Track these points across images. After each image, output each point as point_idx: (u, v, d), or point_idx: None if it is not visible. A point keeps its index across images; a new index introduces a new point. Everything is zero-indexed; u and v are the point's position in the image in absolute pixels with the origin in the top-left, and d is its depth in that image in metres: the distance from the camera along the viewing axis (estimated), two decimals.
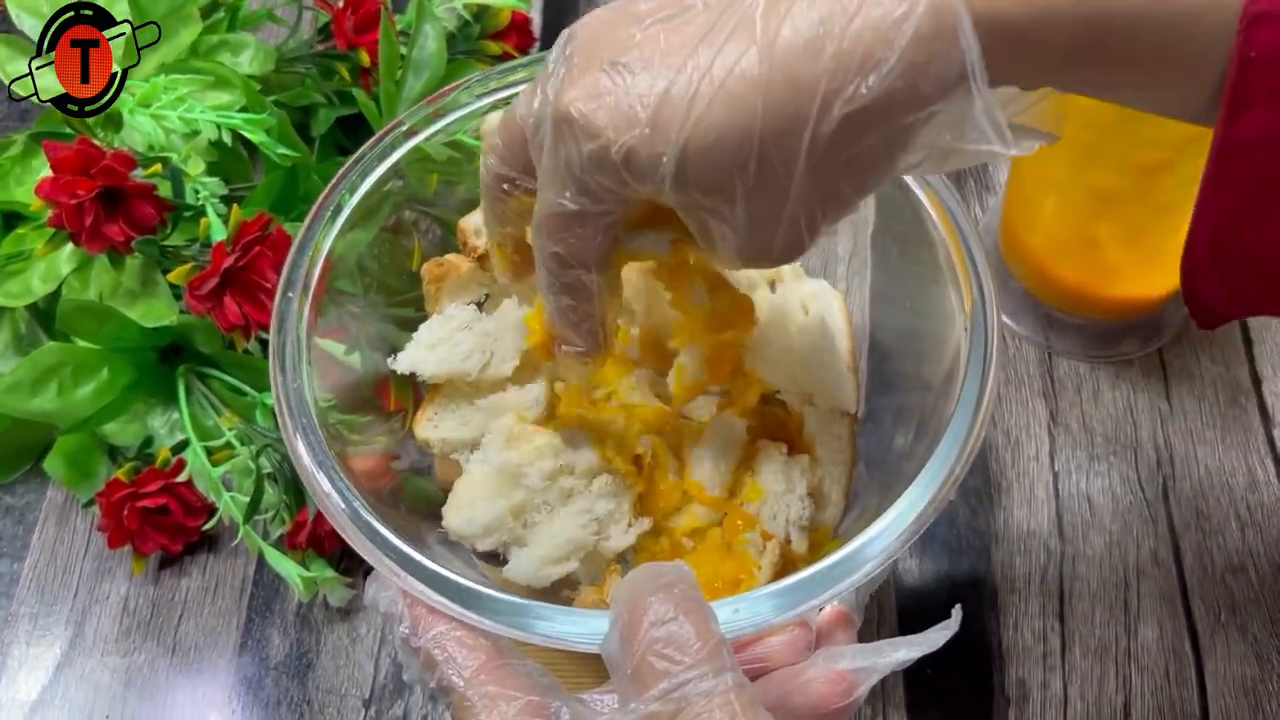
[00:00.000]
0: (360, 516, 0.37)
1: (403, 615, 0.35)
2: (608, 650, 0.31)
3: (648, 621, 0.30)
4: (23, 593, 0.56)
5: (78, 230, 0.51)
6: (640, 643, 0.30)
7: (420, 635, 0.34)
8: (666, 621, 0.30)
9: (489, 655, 0.34)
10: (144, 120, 0.55)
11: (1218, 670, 0.52)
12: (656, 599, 0.30)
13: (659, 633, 0.29)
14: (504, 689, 0.33)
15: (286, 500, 0.53)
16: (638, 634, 0.30)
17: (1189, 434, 0.59)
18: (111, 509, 0.53)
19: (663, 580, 0.31)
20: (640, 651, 0.29)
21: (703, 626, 0.30)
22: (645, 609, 0.30)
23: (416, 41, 0.61)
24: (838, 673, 0.33)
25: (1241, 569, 0.55)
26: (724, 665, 0.29)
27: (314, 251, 0.42)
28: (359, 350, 0.45)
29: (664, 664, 0.29)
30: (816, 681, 0.33)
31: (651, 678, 0.29)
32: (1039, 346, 0.62)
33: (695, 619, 0.30)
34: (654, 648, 0.29)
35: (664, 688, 0.29)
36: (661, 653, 0.29)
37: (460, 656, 0.34)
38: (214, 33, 0.62)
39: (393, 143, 0.45)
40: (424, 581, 0.35)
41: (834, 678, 0.33)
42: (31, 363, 0.54)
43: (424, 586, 0.35)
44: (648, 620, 0.30)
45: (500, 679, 0.33)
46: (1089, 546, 0.56)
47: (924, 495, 0.35)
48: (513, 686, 0.33)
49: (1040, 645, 0.53)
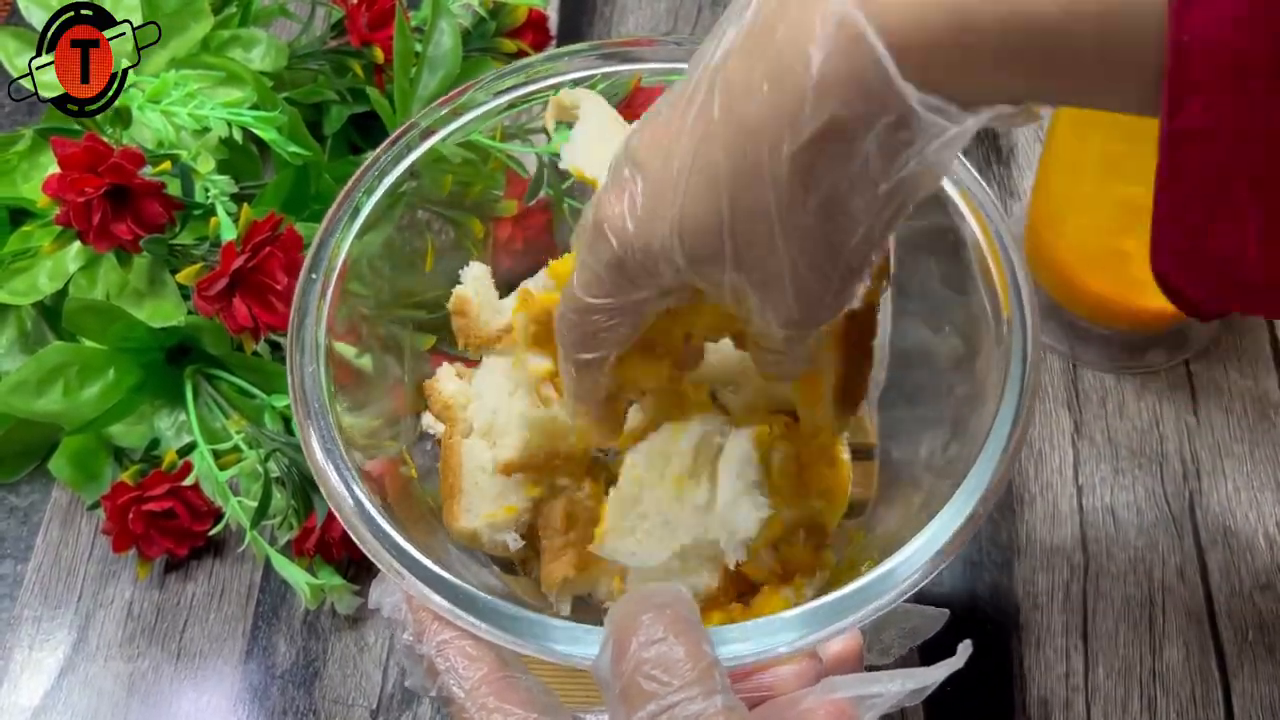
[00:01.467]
0: (375, 521, 0.36)
1: (406, 621, 0.35)
2: (598, 670, 0.30)
3: (637, 642, 0.29)
4: (26, 595, 0.55)
5: (85, 228, 0.51)
6: (629, 663, 0.29)
7: (425, 643, 0.34)
8: (656, 642, 0.29)
9: (491, 667, 0.33)
10: (154, 116, 0.55)
11: (1245, 691, 0.51)
12: (648, 619, 0.30)
13: (648, 653, 0.29)
14: (502, 703, 0.32)
15: (295, 505, 0.52)
16: (627, 654, 0.29)
17: (1216, 448, 0.57)
18: (117, 512, 0.52)
19: (655, 601, 0.30)
20: (629, 672, 0.29)
21: (694, 648, 0.29)
22: (636, 629, 0.30)
23: (431, 38, 0.60)
24: (836, 703, 0.32)
25: (1270, 587, 0.53)
26: (714, 688, 0.29)
27: (332, 253, 0.41)
28: (370, 353, 0.45)
29: (652, 685, 0.29)
30: (815, 711, 0.32)
31: (640, 699, 0.29)
32: (1064, 357, 0.60)
33: (686, 640, 0.29)
34: (643, 668, 0.29)
35: (652, 709, 0.28)
36: (650, 674, 0.29)
37: (462, 667, 0.33)
38: (226, 28, 0.62)
39: (409, 143, 0.44)
40: (445, 595, 0.34)
41: (833, 709, 0.32)
42: (37, 362, 0.53)
43: (441, 599, 0.34)
44: (637, 641, 0.29)
45: (500, 692, 0.33)
46: (1113, 562, 0.54)
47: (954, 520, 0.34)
48: (512, 701, 0.32)
49: (1063, 664, 0.52)
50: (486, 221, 0.50)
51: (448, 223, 0.49)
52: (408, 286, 0.48)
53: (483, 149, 0.47)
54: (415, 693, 0.41)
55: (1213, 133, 0.24)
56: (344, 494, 0.37)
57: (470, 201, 0.49)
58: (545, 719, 0.32)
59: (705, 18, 0.75)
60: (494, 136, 0.47)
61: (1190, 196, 0.26)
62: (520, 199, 0.50)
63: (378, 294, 0.46)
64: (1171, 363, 0.60)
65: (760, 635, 0.33)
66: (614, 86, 0.48)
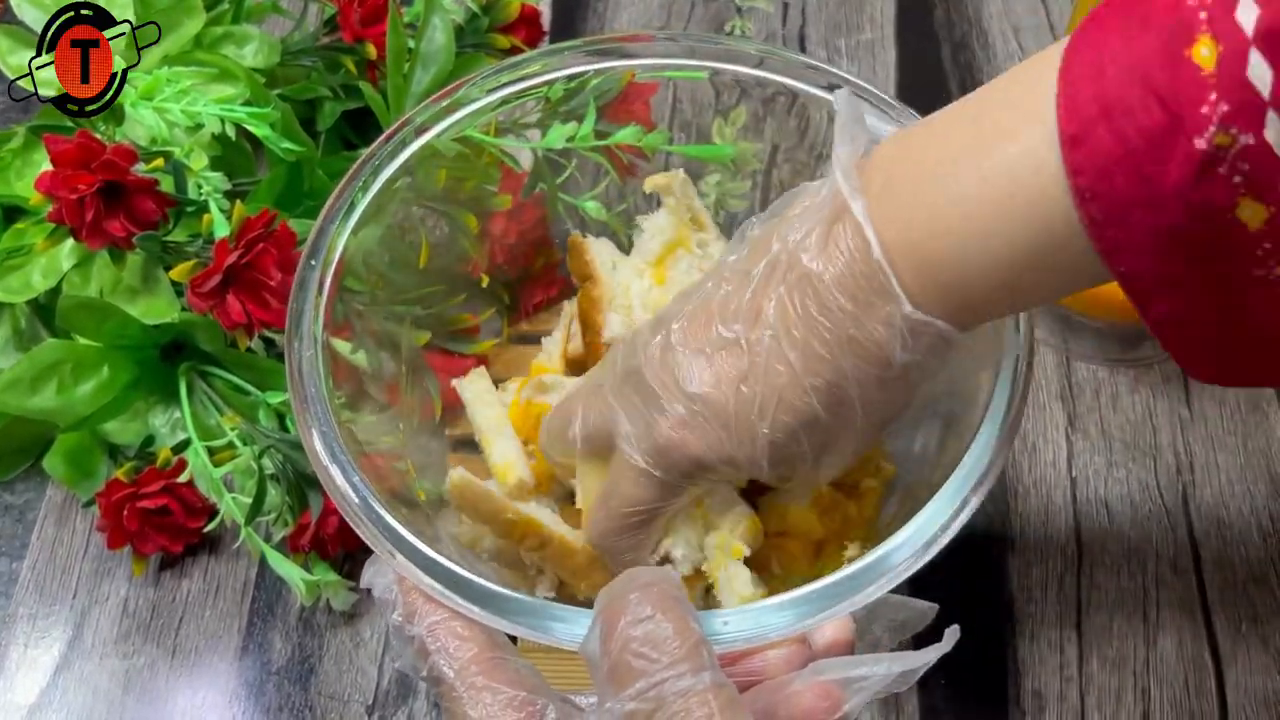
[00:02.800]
0: (366, 501, 0.37)
1: (397, 601, 0.35)
2: (586, 650, 0.31)
3: (625, 621, 0.29)
4: (21, 593, 0.55)
5: (78, 225, 0.50)
6: (617, 641, 0.29)
7: (416, 624, 0.34)
8: (643, 620, 0.29)
9: (481, 648, 0.34)
10: (146, 113, 0.54)
11: (1239, 683, 0.51)
12: (634, 597, 0.30)
13: (636, 631, 0.29)
14: (491, 681, 0.33)
15: (289, 502, 0.52)
16: (615, 632, 0.29)
17: (1209, 440, 0.58)
18: (111, 509, 0.52)
19: (641, 581, 0.30)
20: (617, 650, 0.29)
21: (681, 625, 0.29)
22: (623, 608, 0.30)
23: (424, 34, 0.60)
24: (823, 685, 0.32)
25: (1263, 579, 0.54)
26: (702, 664, 0.29)
27: (329, 250, 0.41)
28: (364, 348, 0.45)
29: (641, 663, 0.29)
30: (802, 693, 0.32)
31: (628, 676, 0.29)
32: (1057, 350, 0.60)
33: (673, 617, 0.29)
34: (630, 646, 0.29)
35: (640, 687, 0.29)
36: (638, 651, 0.29)
37: (453, 647, 0.34)
38: (218, 24, 0.61)
39: (404, 139, 0.44)
40: (436, 577, 0.35)
41: (820, 690, 0.32)
42: (31, 360, 0.53)
43: (432, 580, 0.35)
44: (625, 619, 0.29)
45: (488, 671, 0.33)
46: (1107, 555, 0.55)
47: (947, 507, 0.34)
48: (500, 680, 0.33)
49: (1057, 656, 0.52)
50: (481, 216, 0.50)
51: (442, 218, 0.49)
52: (402, 282, 0.48)
53: (477, 144, 0.47)
54: (405, 673, 0.41)
55: (1181, 320, 0.31)
56: (331, 466, 0.37)
57: (464, 196, 0.49)
58: (533, 697, 0.32)
59: (698, 13, 0.75)
60: (488, 132, 0.47)
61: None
62: (514, 193, 0.50)
63: (372, 289, 0.46)
64: (1165, 355, 0.60)
65: (753, 619, 0.33)
66: (607, 82, 0.48)
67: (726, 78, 0.47)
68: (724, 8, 0.76)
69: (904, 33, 0.74)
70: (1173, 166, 0.28)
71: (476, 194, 0.49)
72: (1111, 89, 0.29)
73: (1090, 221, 0.29)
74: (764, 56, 0.46)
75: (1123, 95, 0.28)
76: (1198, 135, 0.27)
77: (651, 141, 0.49)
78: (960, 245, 0.32)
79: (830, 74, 0.45)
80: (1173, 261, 0.29)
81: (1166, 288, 0.30)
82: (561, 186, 0.51)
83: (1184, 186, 0.28)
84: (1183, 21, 0.28)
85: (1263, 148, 0.27)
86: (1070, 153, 0.29)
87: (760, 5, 0.75)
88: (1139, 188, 0.28)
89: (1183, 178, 0.28)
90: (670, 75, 0.48)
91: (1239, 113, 0.27)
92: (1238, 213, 0.28)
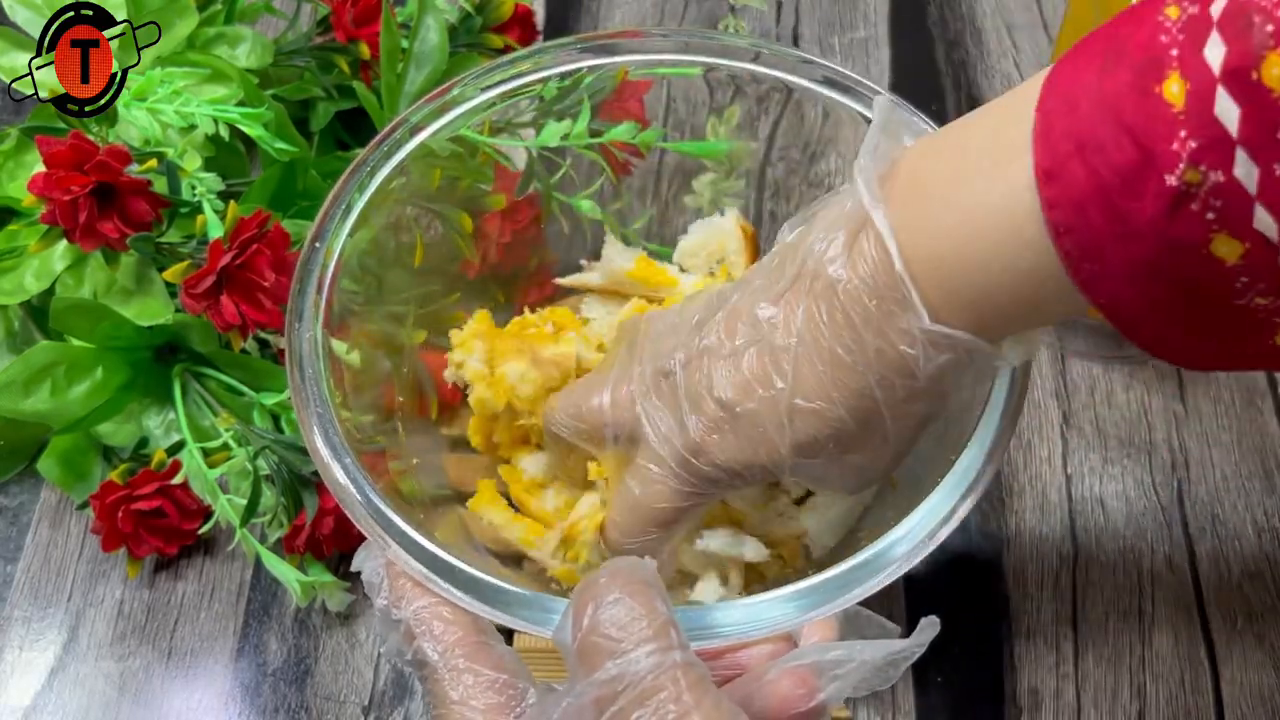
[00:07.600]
0: (360, 484, 0.37)
1: (384, 586, 0.35)
2: (559, 637, 0.31)
3: (594, 604, 0.30)
4: (15, 595, 0.55)
5: (71, 227, 0.50)
6: (586, 624, 0.30)
7: (403, 608, 0.35)
8: (611, 603, 0.29)
9: (466, 631, 0.34)
10: (139, 114, 0.54)
11: (1234, 679, 0.51)
12: (603, 581, 0.30)
13: (604, 614, 0.29)
14: (473, 664, 0.33)
15: (284, 503, 0.52)
16: (584, 616, 0.30)
17: (1204, 437, 0.58)
18: (105, 511, 0.52)
19: (613, 567, 0.31)
20: (585, 632, 0.29)
21: (649, 606, 0.29)
22: (594, 594, 0.30)
23: (418, 34, 0.60)
24: (799, 673, 0.33)
25: (1258, 575, 0.54)
26: (671, 644, 0.29)
27: (327, 251, 0.42)
28: (359, 349, 0.45)
29: (609, 643, 0.29)
30: (778, 681, 0.33)
31: (598, 657, 0.29)
32: (1051, 347, 0.61)
33: (641, 599, 0.30)
34: (598, 628, 0.29)
35: (608, 667, 0.29)
36: (605, 632, 0.29)
37: (438, 630, 0.34)
38: (211, 25, 0.61)
39: (399, 140, 0.44)
40: (424, 562, 0.35)
41: (795, 678, 0.32)
42: (24, 362, 0.53)
43: (420, 565, 0.35)
44: (594, 603, 0.30)
45: (472, 654, 0.33)
46: (1102, 552, 0.55)
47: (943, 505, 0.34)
48: (482, 663, 0.33)
49: (1053, 653, 0.52)
50: (475, 216, 0.50)
51: (437, 217, 0.49)
52: (398, 282, 0.48)
53: (471, 143, 0.47)
54: (390, 659, 0.41)
55: (1166, 340, 0.31)
56: (325, 449, 0.37)
57: (459, 196, 0.49)
58: (514, 680, 0.33)
59: (691, 11, 0.75)
60: (482, 131, 0.47)
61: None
62: (508, 193, 0.50)
63: (367, 289, 0.46)
64: None
65: (745, 614, 0.33)
66: (600, 79, 0.48)
67: (721, 74, 0.47)
68: (717, 6, 0.76)
69: (898, 30, 0.74)
70: (1146, 202, 0.28)
71: (471, 193, 0.49)
72: (1084, 124, 0.29)
73: (1066, 255, 0.30)
74: (759, 51, 0.46)
75: (1095, 131, 0.29)
76: (1168, 172, 0.27)
77: (646, 139, 0.49)
78: (971, 265, 0.32)
79: (825, 68, 0.45)
80: (1153, 291, 0.30)
81: (1148, 314, 0.30)
82: (556, 185, 0.51)
83: (1159, 221, 0.28)
84: (1154, 58, 0.28)
85: (1232, 185, 0.27)
86: (1045, 188, 0.30)
87: (754, 3, 0.75)
88: (1114, 223, 0.29)
89: (1157, 212, 0.28)
90: (664, 72, 0.48)
91: (1208, 150, 0.27)
92: (1213, 248, 0.28)
